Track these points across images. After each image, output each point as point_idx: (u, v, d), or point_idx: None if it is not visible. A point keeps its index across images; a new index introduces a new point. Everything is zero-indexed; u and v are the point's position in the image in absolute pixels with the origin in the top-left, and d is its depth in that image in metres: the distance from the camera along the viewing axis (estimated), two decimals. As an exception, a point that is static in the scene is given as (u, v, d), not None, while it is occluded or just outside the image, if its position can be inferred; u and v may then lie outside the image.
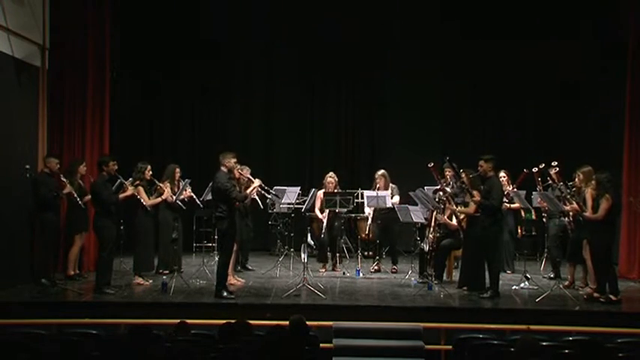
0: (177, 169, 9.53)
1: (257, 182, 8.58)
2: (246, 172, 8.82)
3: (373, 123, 12.55)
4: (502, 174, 9.41)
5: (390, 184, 9.94)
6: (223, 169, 8.13)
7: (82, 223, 9.06)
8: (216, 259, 9.93)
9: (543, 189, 9.00)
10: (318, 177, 11.31)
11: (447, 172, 9.26)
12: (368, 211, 10.04)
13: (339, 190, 9.79)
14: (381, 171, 9.99)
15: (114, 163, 8.44)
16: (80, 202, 8.75)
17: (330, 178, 9.88)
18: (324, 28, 12.04)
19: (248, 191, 8.54)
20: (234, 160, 8.18)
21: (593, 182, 8.04)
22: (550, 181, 8.85)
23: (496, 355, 5.48)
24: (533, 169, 9.04)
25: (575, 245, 8.66)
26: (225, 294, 7.98)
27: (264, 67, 12.45)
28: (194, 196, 9.48)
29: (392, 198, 9.77)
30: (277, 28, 12.09)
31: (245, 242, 9.66)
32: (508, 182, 9.57)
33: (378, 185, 9.89)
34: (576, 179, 8.45)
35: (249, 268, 10.07)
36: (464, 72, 12.12)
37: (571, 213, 8.40)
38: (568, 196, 8.26)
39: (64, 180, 8.74)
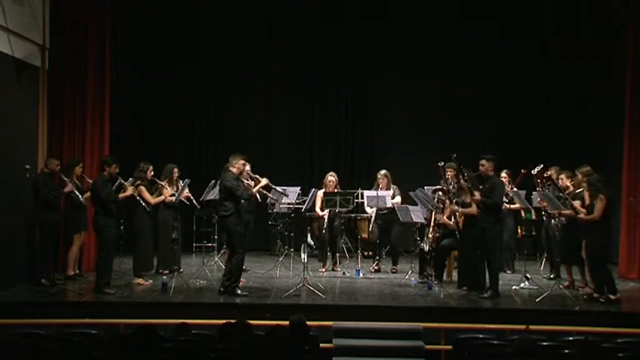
0: (176, 169, 9.54)
1: (264, 181, 8.63)
2: (247, 168, 8.84)
3: (373, 123, 12.53)
4: (503, 174, 9.42)
5: (392, 185, 9.93)
6: (233, 169, 8.17)
7: (81, 223, 9.06)
8: (216, 259, 9.99)
9: (543, 189, 9.01)
10: (318, 177, 11.31)
11: (449, 172, 9.25)
12: (370, 211, 10.00)
13: (340, 190, 9.78)
14: (383, 171, 9.97)
15: (116, 166, 8.49)
16: (82, 199, 8.77)
17: (331, 177, 9.86)
18: (325, 26, 12.07)
19: (254, 190, 8.57)
20: (243, 162, 8.28)
21: (584, 184, 8.06)
22: (550, 182, 8.86)
23: (496, 355, 5.48)
24: (532, 171, 9.05)
25: (567, 246, 8.67)
26: (239, 292, 8.10)
27: (264, 67, 12.41)
28: (191, 197, 9.49)
29: (393, 198, 9.76)
30: (277, 27, 12.07)
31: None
32: (509, 182, 9.57)
33: (380, 185, 9.87)
34: (560, 182, 8.53)
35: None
36: (464, 71, 12.11)
37: (556, 214, 8.42)
38: (569, 198, 8.28)
39: (65, 178, 8.76)
